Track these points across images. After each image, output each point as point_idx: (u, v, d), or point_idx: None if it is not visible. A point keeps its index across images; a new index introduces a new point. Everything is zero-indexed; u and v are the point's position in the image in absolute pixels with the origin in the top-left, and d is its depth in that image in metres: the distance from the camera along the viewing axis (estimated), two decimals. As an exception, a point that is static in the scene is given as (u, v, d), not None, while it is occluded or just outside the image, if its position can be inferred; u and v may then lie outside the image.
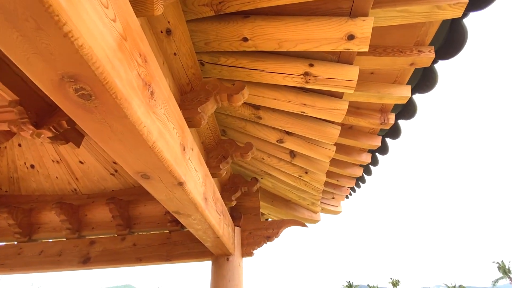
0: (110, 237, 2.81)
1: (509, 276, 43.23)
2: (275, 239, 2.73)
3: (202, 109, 1.32)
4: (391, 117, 2.00)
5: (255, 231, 2.76)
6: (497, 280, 43.83)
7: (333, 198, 3.90)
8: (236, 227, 2.73)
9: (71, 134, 2.17)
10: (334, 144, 2.13)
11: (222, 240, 2.08)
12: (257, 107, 1.84)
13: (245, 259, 2.67)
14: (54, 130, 1.97)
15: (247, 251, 2.64)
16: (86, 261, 2.66)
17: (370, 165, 2.98)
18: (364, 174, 3.19)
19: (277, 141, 2.10)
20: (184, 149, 1.17)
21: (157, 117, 0.90)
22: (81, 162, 2.98)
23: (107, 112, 0.71)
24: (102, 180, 3.12)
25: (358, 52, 1.31)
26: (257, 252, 2.70)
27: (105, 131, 0.80)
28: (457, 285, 54.85)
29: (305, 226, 2.82)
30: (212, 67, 1.56)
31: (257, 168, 2.88)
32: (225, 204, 2.45)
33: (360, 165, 2.85)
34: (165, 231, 2.81)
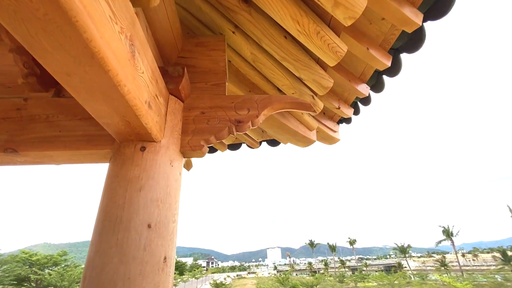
0: None
1: (451, 238, 48.84)
2: (252, 127, 1.37)
3: None
4: None
5: (213, 110, 1.36)
6: (440, 242, 49.34)
7: (339, 107, 2.61)
8: (172, 97, 1.31)
9: None
10: None
11: (118, 82, 0.66)
12: None
13: (192, 164, 1.30)
14: None
15: (193, 143, 1.26)
16: None
17: (401, 51, 1.62)
18: (392, 65, 1.87)
19: None
20: None
21: None
22: None
23: None
24: None
25: None
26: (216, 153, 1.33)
27: None
28: (405, 245, 61.80)
29: (312, 110, 1.48)
30: None
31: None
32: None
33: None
34: (17, 99, 1.31)
